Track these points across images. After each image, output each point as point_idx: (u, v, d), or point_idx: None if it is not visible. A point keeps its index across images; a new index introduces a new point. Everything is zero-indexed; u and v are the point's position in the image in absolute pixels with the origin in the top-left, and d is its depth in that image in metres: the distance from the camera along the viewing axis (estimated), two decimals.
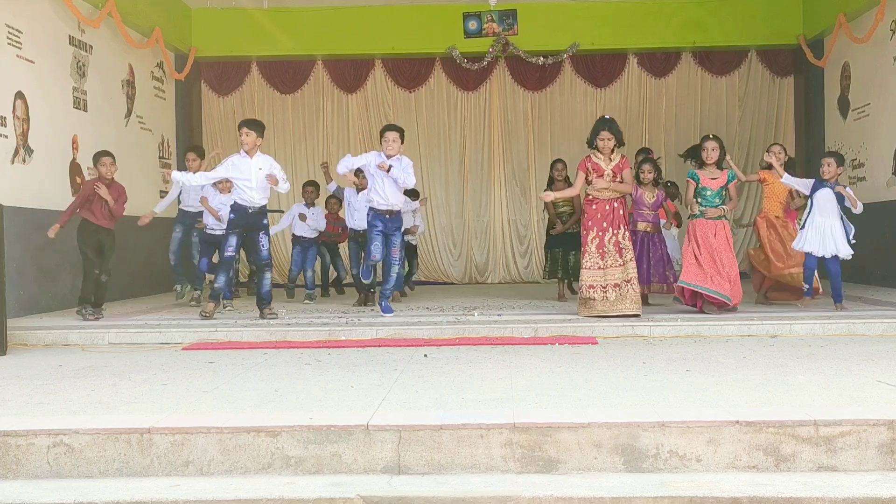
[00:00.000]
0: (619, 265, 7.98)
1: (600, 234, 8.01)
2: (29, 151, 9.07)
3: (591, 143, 8.17)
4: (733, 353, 6.31)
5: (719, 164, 8.40)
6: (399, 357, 6.34)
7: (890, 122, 10.87)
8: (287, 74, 14.04)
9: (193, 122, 13.76)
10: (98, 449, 4.03)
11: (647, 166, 9.16)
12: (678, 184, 12.03)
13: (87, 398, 4.89)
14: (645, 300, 8.88)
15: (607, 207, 8.04)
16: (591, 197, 8.13)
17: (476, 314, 8.42)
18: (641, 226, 9.02)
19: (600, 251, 7.99)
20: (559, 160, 10.18)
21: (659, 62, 13.94)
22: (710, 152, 8.29)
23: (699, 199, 8.26)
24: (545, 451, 3.99)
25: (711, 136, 8.49)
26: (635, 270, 8.02)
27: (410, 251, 11.43)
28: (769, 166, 8.86)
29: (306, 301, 10.32)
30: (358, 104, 14.14)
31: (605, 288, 7.92)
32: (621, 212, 8.10)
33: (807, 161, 12.59)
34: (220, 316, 8.55)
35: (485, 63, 13.42)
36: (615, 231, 8.02)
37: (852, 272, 11.53)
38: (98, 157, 8.49)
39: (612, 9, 13.22)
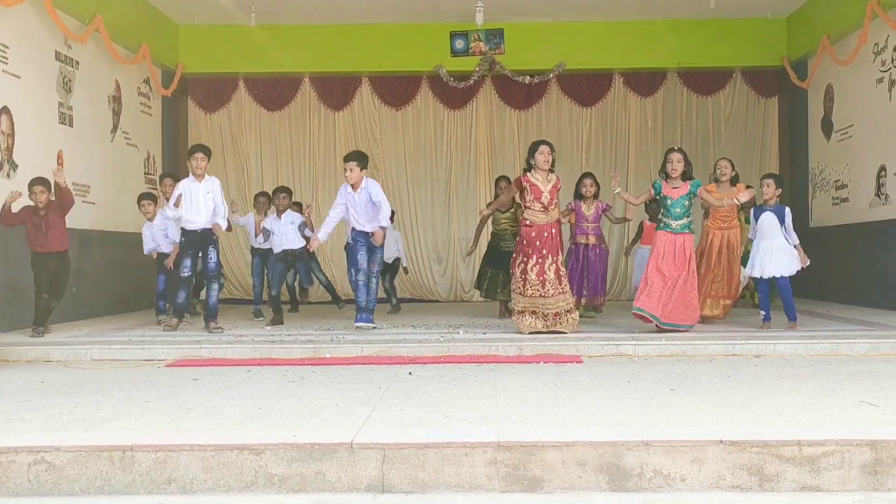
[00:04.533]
0: (560, 293, 8.07)
1: (540, 261, 8.03)
2: (13, 166, 9.03)
3: (529, 162, 8.21)
4: (717, 373, 6.32)
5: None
6: (384, 375, 6.32)
7: (873, 144, 10.96)
8: (274, 91, 14.03)
9: (179, 138, 13.71)
10: (80, 466, 4.00)
11: (588, 181, 9.70)
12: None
13: (70, 415, 4.86)
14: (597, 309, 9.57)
15: (545, 234, 8.07)
16: (528, 222, 8.14)
17: (461, 332, 8.40)
18: (581, 238, 9.57)
19: (541, 279, 8.03)
20: (503, 177, 10.62)
21: (645, 82, 14.02)
22: (676, 164, 8.14)
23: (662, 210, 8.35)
24: (530, 470, 3.99)
25: (676, 148, 8.49)
26: (573, 297, 8.33)
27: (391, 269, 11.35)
28: (716, 180, 9.12)
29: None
30: (345, 122, 14.14)
31: (545, 316, 8.01)
32: (559, 238, 8.18)
33: (791, 181, 12.68)
34: (189, 330, 8.54)
35: (471, 81, 13.45)
36: (555, 258, 8.08)
37: (836, 292, 11.63)
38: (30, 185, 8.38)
39: (599, 29, 13.31)
